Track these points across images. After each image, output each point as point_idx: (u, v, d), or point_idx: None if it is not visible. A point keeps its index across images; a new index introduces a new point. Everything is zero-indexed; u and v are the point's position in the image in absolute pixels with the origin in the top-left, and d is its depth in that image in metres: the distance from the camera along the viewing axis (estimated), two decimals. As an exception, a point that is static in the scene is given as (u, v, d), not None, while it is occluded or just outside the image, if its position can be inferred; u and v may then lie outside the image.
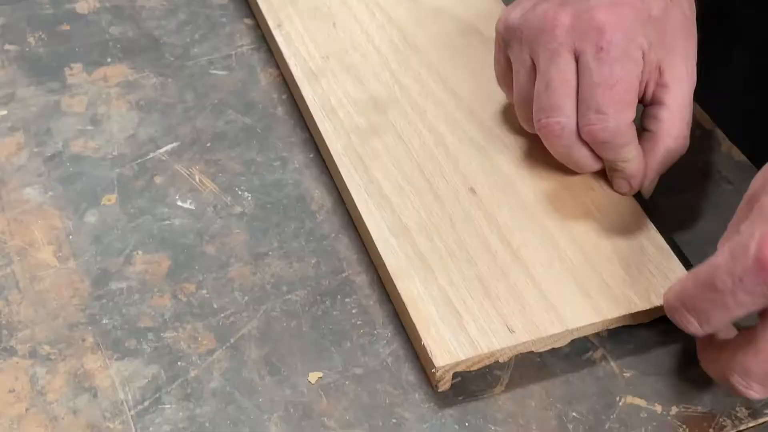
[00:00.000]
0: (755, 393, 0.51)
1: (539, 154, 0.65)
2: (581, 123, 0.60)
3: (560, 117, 0.60)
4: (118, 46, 0.74)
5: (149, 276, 0.60)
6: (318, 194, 0.65)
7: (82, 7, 0.76)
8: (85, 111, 0.69)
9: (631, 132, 0.61)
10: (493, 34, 0.65)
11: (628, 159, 0.62)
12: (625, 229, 0.61)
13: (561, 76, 0.60)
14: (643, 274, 0.59)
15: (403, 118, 0.67)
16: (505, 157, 0.65)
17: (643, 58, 0.60)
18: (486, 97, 0.69)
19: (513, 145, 0.66)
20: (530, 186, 0.63)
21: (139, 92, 0.70)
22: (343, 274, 0.60)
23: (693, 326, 0.52)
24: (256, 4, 0.75)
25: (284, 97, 0.71)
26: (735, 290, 0.48)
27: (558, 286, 0.58)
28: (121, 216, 0.63)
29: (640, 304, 0.57)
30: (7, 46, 0.73)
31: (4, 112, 0.69)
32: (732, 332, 0.54)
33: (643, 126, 0.63)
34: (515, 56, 0.63)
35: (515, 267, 0.59)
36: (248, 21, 0.76)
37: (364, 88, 0.69)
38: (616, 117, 0.59)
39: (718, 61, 0.91)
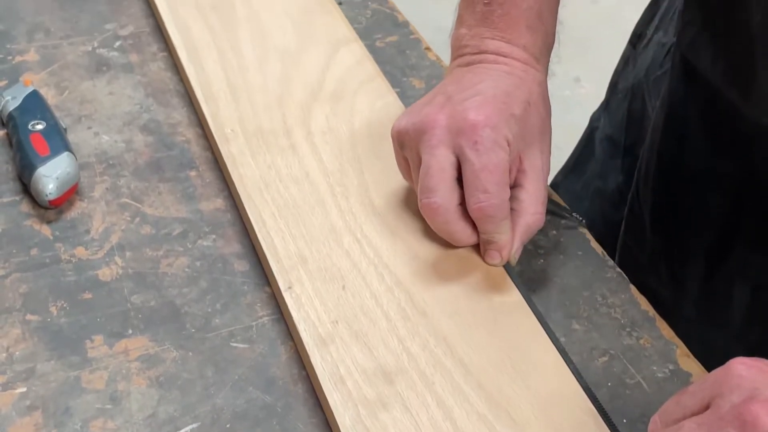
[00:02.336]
0: None
1: (543, 427, 0.65)
2: (470, 203, 0.72)
3: (436, 197, 0.73)
4: (140, 316, 0.74)
5: None
6: (339, 483, 0.64)
7: (104, 274, 0.77)
8: (104, 388, 0.69)
9: (508, 207, 0.73)
10: (495, 299, 0.73)
11: (503, 231, 0.74)
12: None
13: (438, 165, 0.72)
14: None
15: (411, 390, 0.67)
16: (513, 432, 0.65)
17: (508, 146, 0.73)
18: (493, 368, 0.69)
19: (520, 419, 0.66)
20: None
21: (159, 367, 0.70)
22: None
23: None
24: (269, 267, 0.76)
25: (304, 373, 0.70)
26: None
27: None
28: (139, 507, 0.62)
29: None
30: (29, 317, 0.73)
31: (24, 389, 0.68)
32: None
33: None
34: (408, 155, 0.76)
35: None
36: (268, 289, 0.77)
37: (373, 356, 0.69)
38: (499, 195, 0.72)
39: (719, 297, 0.92)
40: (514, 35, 0.77)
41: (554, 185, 1.20)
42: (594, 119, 1.18)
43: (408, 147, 0.76)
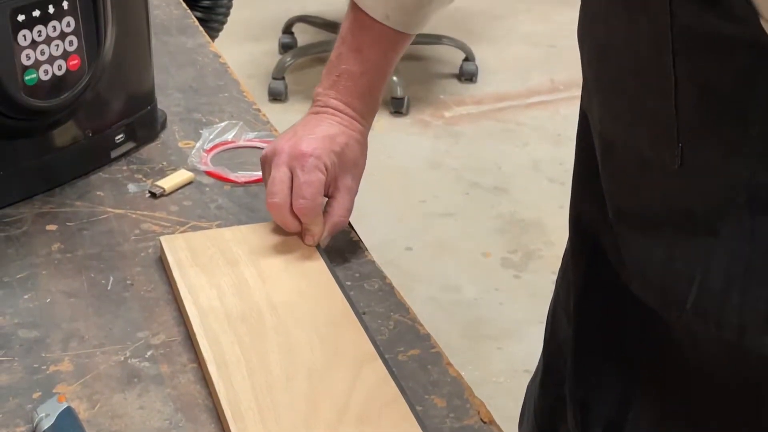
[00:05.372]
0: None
1: None
2: (295, 205, 1.12)
3: (276, 198, 1.12)
4: None
5: None
6: None
7: None
8: None
9: (320, 209, 1.14)
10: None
11: (317, 224, 1.13)
12: None
13: (279, 177, 1.12)
14: None
15: None
16: None
17: (327, 171, 1.12)
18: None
19: None
20: None
21: None
22: None
23: None
24: None
25: None
26: None
27: None
28: None
29: None
30: None
31: None
32: None
33: (324, 210, 1.15)
34: (267, 170, 1.15)
35: None
36: None
37: None
38: (313, 200, 1.12)
39: None
40: (349, 100, 1.18)
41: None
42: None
43: (266, 165, 1.16)
